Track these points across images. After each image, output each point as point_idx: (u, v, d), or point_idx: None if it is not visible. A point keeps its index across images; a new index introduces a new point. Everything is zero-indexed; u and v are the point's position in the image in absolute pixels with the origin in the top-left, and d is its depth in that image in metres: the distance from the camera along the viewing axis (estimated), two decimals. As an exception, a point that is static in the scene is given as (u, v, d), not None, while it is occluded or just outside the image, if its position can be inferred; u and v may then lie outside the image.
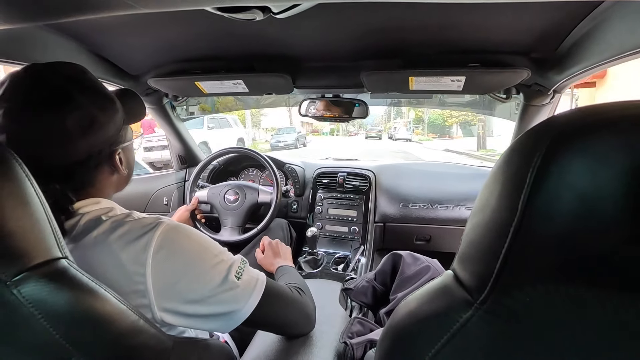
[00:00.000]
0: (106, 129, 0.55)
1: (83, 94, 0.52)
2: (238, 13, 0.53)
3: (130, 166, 0.65)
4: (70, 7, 0.47)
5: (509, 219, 0.27)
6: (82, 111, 0.51)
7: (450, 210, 1.53)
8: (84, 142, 0.52)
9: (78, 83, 0.53)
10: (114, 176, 0.61)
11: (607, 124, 0.24)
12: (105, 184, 0.60)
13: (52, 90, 0.50)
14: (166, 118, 1.60)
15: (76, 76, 0.53)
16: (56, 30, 0.88)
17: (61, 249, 0.39)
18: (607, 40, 0.73)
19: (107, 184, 0.60)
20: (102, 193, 0.59)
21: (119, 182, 0.64)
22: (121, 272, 0.48)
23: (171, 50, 1.07)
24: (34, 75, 0.51)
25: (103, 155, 0.57)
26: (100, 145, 0.55)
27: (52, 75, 0.51)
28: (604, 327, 0.26)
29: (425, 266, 0.96)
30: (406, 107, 23.94)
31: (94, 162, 0.55)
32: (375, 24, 0.85)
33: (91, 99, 0.53)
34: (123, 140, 0.61)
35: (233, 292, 0.53)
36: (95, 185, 0.58)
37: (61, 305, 0.36)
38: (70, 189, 0.52)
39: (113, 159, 0.59)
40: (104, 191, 0.60)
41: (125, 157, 0.63)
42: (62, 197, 0.50)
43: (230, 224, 1.49)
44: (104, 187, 0.60)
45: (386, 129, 44.43)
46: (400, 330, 0.36)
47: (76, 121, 0.50)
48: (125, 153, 0.63)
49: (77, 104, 0.51)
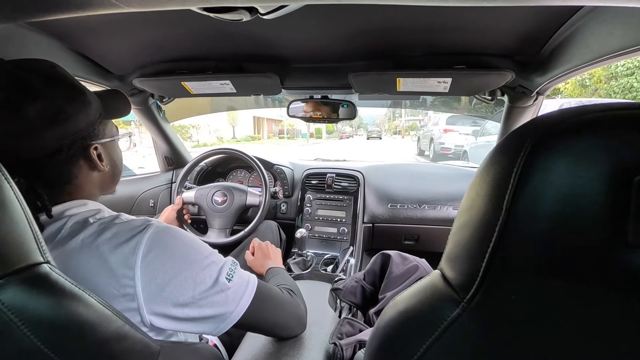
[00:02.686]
0: (75, 121, 0.53)
1: (47, 85, 0.51)
2: (224, 13, 0.52)
3: (114, 164, 0.63)
4: (52, 5, 0.46)
5: (494, 218, 0.27)
6: (45, 101, 0.49)
7: (437, 210, 1.55)
8: (49, 134, 0.50)
9: (42, 75, 0.51)
10: (95, 173, 0.59)
11: (589, 124, 0.25)
12: (85, 182, 0.57)
13: (14, 82, 0.48)
14: (152, 119, 1.58)
15: (41, 70, 0.52)
16: (37, 28, 0.85)
17: (42, 253, 0.38)
18: (587, 43, 0.76)
19: (88, 182, 0.58)
20: (84, 192, 0.57)
21: (103, 181, 0.61)
22: (110, 276, 0.46)
23: (157, 50, 1.05)
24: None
25: (76, 149, 0.55)
26: (70, 137, 0.53)
27: (14, 69, 0.50)
28: (589, 324, 0.27)
29: (414, 265, 0.97)
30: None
31: (65, 155, 0.53)
32: (363, 26, 0.86)
33: (56, 90, 0.51)
34: (101, 135, 0.59)
35: (224, 294, 0.53)
36: (73, 182, 0.56)
37: (42, 311, 0.35)
38: (42, 185, 0.50)
39: (88, 153, 0.56)
40: (86, 190, 0.58)
41: (106, 154, 0.61)
42: (30, 191, 0.48)
43: (218, 226, 1.47)
44: (85, 185, 0.58)
45: (391, 127, 44.06)
46: (388, 330, 0.37)
47: (38, 112, 0.49)
48: (107, 149, 0.61)
49: (39, 94, 0.49)
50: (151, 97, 1.46)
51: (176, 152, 1.81)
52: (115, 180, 0.66)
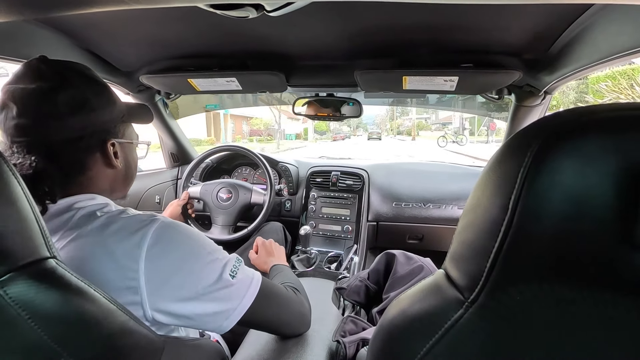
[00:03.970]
0: (99, 114, 0.57)
1: (80, 79, 0.56)
2: (231, 10, 0.52)
3: (128, 165, 0.65)
4: (60, 1, 0.46)
5: (500, 218, 0.27)
6: (75, 91, 0.54)
7: (442, 209, 1.54)
8: (73, 121, 0.54)
9: (76, 72, 0.57)
10: (108, 170, 0.60)
11: (597, 125, 0.25)
12: (97, 176, 0.58)
13: (52, 73, 0.54)
14: (158, 115, 1.59)
15: (77, 68, 0.58)
16: (46, 25, 0.86)
17: (49, 248, 0.38)
18: (596, 42, 0.74)
19: (100, 177, 0.59)
20: (94, 187, 0.58)
21: (115, 180, 0.62)
22: (114, 268, 0.47)
23: (164, 47, 1.06)
24: (37, 63, 0.54)
25: (95, 140, 0.57)
26: (92, 127, 0.56)
27: (54, 63, 0.55)
28: (595, 326, 0.26)
29: (418, 266, 0.97)
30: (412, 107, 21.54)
31: (84, 144, 0.56)
32: (369, 23, 0.85)
33: (86, 83, 0.57)
34: (121, 134, 0.63)
35: (227, 290, 0.53)
36: (86, 174, 0.57)
37: (49, 305, 0.36)
38: (56, 169, 0.53)
39: (105, 147, 0.59)
40: (97, 185, 0.59)
41: (123, 153, 0.63)
42: (42, 173, 0.51)
43: (222, 222, 1.48)
44: (96, 180, 0.58)
45: (393, 127, 43.66)
46: (392, 329, 0.37)
47: (68, 99, 0.53)
48: (124, 150, 0.64)
49: (71, 83, 0.54)
50: (157, 93, 1.46)
51: (182, 149, 1.82)
52: (127, 183, 0.67)
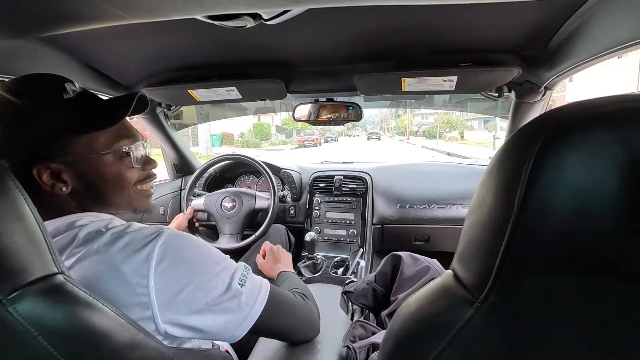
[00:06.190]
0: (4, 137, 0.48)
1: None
2: (229, 21, 0.53)
3: (94, 182, 0.55)
4: (60, 19, 0.47)
5: (506, 216, 0.27)
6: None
7: (447, 209, 1.53)
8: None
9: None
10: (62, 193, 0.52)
11: (600, 118, 0.25)
12: (56, 200, 0.53)
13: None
14: (160, 127, 1.60)
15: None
16: (45, 42, 0.87)
17: (57, 264, 0.38)
18: (594, 36, 0.74)
19: (63, 200, 0.53)
20: (66, 209, 0.54)
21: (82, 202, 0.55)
22: (123, 285, 0.47)
23: (163, 59, 1.07)
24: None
25: (16, 169, 0.48)
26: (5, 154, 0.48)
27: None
28: (605, 321, 0.26)
29: (425, 266, 0.96)
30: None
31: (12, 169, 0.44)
32: (366, 27, 0.86)
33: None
34: (63, 154, 0.52)
35: (237, 300, 0.53)
36: (41, 198, 0.49)
37: (58, 321, 0.36)
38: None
39: (31, 174, 0.49)
40: (67, 207, 0.54)
41: (77, 172, 0.53)
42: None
43: (228, 232, 1.48)
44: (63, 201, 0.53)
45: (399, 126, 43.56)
46: (402, 333, 0.36)
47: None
48: (78, 168, 0.53)
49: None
50: (158, 105, 1.48)
51: (184, 160, 1.83)
52: (108, 199, 0.57)
